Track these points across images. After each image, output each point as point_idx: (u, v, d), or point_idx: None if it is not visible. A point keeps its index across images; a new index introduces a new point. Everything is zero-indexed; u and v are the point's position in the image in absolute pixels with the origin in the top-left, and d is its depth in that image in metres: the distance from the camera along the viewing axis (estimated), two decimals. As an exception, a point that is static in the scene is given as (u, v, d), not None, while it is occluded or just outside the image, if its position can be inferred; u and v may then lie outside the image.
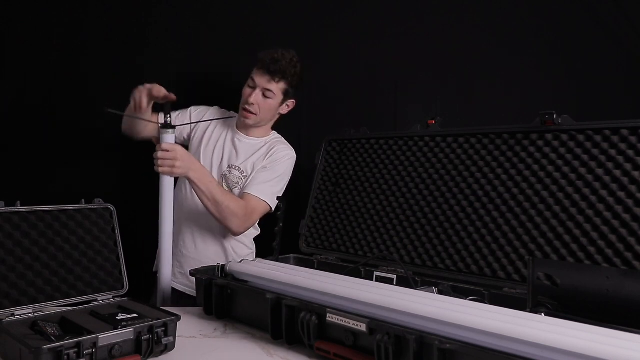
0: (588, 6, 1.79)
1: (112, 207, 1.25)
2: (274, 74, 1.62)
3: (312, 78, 2.01)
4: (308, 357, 1.03)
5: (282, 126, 1.79)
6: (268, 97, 1.65)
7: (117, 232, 1.24)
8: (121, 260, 1.23)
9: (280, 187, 1.69)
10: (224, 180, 1.70)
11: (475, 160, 1.37)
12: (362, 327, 0.96)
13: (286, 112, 1.75)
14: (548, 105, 1.29)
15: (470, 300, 1.10)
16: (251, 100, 1.63)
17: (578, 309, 0.96)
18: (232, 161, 1.71)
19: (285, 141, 1.77)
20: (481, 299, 1.19)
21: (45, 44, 1.96)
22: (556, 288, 1.01)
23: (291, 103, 1.73)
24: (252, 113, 1.65)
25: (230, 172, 1.70)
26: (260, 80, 1.62)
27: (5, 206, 1.09)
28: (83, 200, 1.22)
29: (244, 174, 1.69)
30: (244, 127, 1.73)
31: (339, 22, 2.00)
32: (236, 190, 1.68)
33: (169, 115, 1.44)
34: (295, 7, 2.00)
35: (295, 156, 1.74)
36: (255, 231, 1.77)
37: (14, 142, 1.95)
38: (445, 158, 1.42)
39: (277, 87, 1.64)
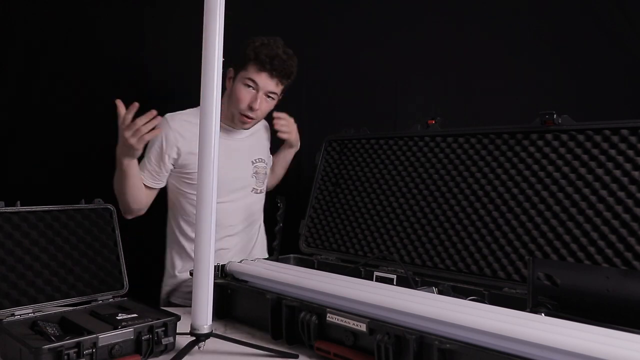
0: (588, 6, 1.79)
1: (112, 207, 1.25)
2: (284, 77, 1.49)
3: (313, 78, 2.01)
4: (308, 357, 1.03)
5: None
6: (272, 98, 1.53)
7: (117, 232, 1.24)
8: (121, 260, 1.23)
9: None
10: (255, 177, 1.64)
11: (475, 160, 1.36)
12: (362, 327, 0.96)
13: None
14: (548, 105, 1.29)
15: (470, 300, 1.10)
16: (256, 106, 1.48)
17: (578, 309, 0.96)
18: (253, 156, 1.65)
19: None
20: (481, 299, 1.19)
21: (44, 43, 1.96)
22: (556, 288, 1.01)
23: None
24: (253, 119, 1.52)
25: (256, 167, 1.65)
26: (266, 83, 1.47)
27: (5, 206, 1.08)
28: (83, 200, 1.22)
29: (265, 161, 1.69)
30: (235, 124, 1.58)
31: (339, 22, 2.00)
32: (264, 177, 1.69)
33: None
34: (296, 7, 2.00)
35: None
36: None
37: (14, 141, 1.95)
38: (445, 158, 1.42)
39: (281, 89, 1.53)
